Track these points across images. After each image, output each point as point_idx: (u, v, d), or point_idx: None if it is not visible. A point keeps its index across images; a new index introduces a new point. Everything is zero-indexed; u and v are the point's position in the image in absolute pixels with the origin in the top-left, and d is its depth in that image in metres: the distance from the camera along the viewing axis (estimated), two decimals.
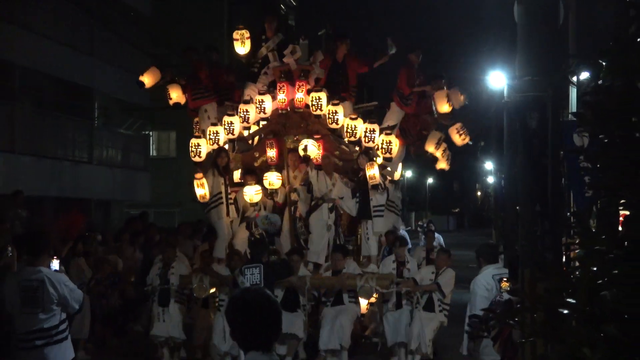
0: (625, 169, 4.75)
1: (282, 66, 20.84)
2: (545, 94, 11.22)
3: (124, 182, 44.04)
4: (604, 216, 4.86)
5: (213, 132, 20.37)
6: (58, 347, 12.38)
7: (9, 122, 33.54)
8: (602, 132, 5.11)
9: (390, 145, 20.15)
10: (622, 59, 4.91)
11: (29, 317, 12.19)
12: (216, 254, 20.06)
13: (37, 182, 34.37)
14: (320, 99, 19.90)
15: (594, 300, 4.65)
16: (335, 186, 19.98)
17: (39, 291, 12.16)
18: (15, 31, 33.64)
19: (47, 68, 36.49)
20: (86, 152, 40.52)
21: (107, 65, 40.19)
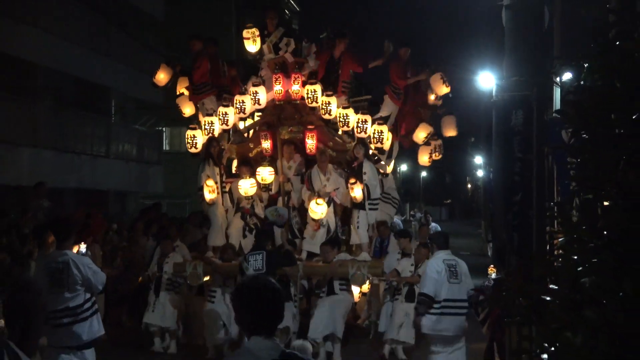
0: (605, 163, 4.72)
1: (277, 58, 20.62)
2: (531, 94, 11.22)
3: (138, 175, 44.16)
4: (585, 207, 4.83)
5: (208, 122, 20.08)
6: (83, 324, 12.68)
7: (32, 119, 33.62)
8: (584, 129, 5.07)
9: (381, 135, 19.80)
10: (603, 61, 4.88)
11: (56, 296, 12.43)
12: (210, 242, 19.88)
13: (58, 174, 34.38)
14: (316, 91, 19.67)
15: (575, 287, 4.62)
16: (329, 180, 19.60)
17: (64, 273, 12.53)
18: (38, 34, 33.67)
19: (67, 68, 36.56)
20: (103, 146, 40.63)
21: (123, 65, 40.19)
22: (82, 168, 37.63)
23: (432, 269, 14.77)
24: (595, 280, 4.49)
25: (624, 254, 4.42)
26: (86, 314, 12.75)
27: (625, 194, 4.54)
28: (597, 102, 4.83)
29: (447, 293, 14.45)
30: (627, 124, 4.61)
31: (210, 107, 20.47)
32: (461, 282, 14.63)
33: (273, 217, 19.13)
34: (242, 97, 19.97)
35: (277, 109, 20.47)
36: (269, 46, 20.78)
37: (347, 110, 19.56)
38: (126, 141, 43.52)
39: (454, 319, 14.53)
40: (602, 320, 4.42)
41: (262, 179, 19.42)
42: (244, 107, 19.90)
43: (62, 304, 12.59)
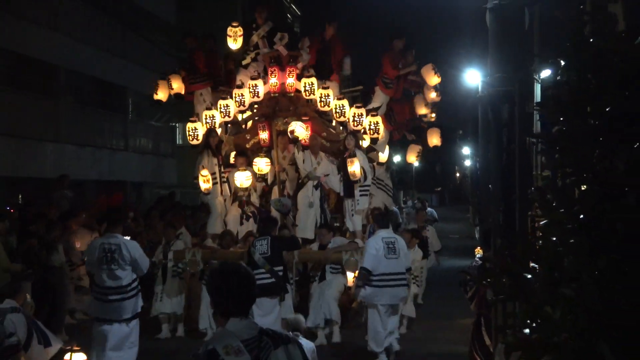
0: (580, 151, 4.73)
1: (272, 52, 20.43)
2: (513, 89, 11.21)
3: (154, 167, 44.36)
4: (562, 193, 4.84)
5: (209, 115, 19.83)
6: (129, 301, 14.17)
7: (55, 116, 33.83)
8: (562, 121, 5.08)
9: (377, 126, 19.59)
10: (577, 58, 4.89)
11: (108, 273, 13.98)
12: (209, 229, 19.72)
13: (80, 167, 34.58)
14: (313, 84, 19.54)
15: (554, 266, 4.63)
16: (320, 165, 19.37)
17: (116, 252, 13.95)
18: (60, 38, 33.82)
19: (87, 69, 36.80)
20: (122, 141, 40.83)
21: (139, 66, 40.29)
22: (101, 161, 37.83)
23: (371, 247, 15.71)
24: (573, 260, 4.50)
25: (599, 236, 4.43)
26: (132, 293, 14.18)
27: (599, 180, 4.54)
28: (573, 96, 4.83)
29: (384, 267, 15.48)
30: (601, 115, 4.62)
31: (209, 100, 20.30)
32: (399, 257, 15.68)
33: (277, 206, 19.05)
34: (241, 91, 19.77)
35: (272, 101, 20.26)
36: (264, 41, 20.61)
37: (342, 101, 19.42)
38: (142, 136, 43.76)
39: (391, 290, 15.64)
40: (579, 296, 4.43)
41: (258, 170, 19.27)
42: (243, 100, 19.73)
43: (113, 281, 13.98)
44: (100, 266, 14.09)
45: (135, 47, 40.71)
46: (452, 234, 48.25)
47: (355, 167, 18.66)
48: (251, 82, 19.57)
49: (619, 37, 4.81)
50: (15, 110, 30.59)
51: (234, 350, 5.31)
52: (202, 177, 19.19)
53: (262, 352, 5.36)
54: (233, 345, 5.33)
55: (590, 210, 4.57)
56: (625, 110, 4.51)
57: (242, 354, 5.30)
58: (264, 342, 5.41)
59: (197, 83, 20.56)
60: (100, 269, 14.13)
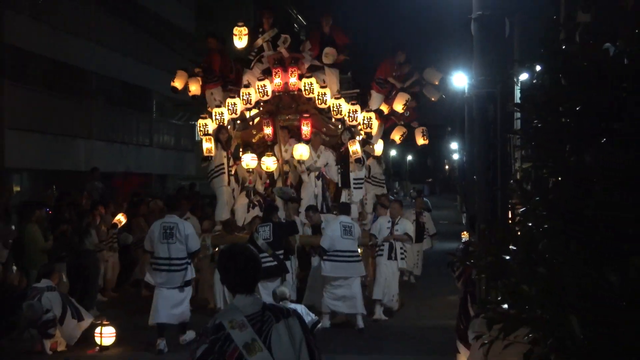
0: (553, 146, 4.73)
1: (276, 54, 20.24)
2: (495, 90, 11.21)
3: (176, 161, 44.60)
4: (538, 183, 4.85)
5: (218, 112, 19.58)
6: (182, 272, 14.97)
7: (87, 116, 34.10)
8: (537, 119, 5.08)
9: (370, 121, 19.35)
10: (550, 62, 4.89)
11: (167, 246, 14.91)
12: (217, 217, 19.55)
13: (109, 161, 34.84)
14: (312, 83, 19.27)
15: (530, 248, 4.64)
16: (320, 157, 19.21)
17: (174, 230, 14.91)
18: (92, 46, 34.18)
19: (116, 74, 37.12)
20: (147, 137, 41.01)
21: (162, 71, 40.31)
22: (129, 155, 38.07)
23: (330, 229, 16.73)
24: (547, 243, 4.51)
25: (571, 221, 4.44)
26: (185, 265, 14.98)
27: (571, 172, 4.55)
28: (547, 96, 4.84)
29: (339, 245, 16.33)
30: (572, 114, 4.62)
31: (219, 98, 20.21)
32: (354, 239, 16.59)
33: (279, 194, 18.99)
34: (248, 90, 19.62)
35: (276, 99, 20.03)
36: (268, 44, 20.49)
37: (339, 100, 19.33)
38: (165, 133, 43.98)
39: (346, 265, 16.41)
40: (551, 275, 4.44)
41: (266, 167, 19.16)
42: (249, 98, 19.61)
43: (171, 254, 14.88)
44: (160, 241, 14.94)
45: (158, 54, 40.86)
46: (442, 220, 48.07)
47: (356, 146, 18.71)
48: (259, 83, 19.44)
49: (585, 42, 4.81)
50: (52, 110, 30.94)
51: (238, 324, 5.36)
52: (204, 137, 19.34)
53: (264, 325, 5.39)
54: (237, 320, 5.38)
55: (562, 199, 4.58)
56: (593, 109, 4.52)
57: (246, 327, 5.35)
58: (267, 316, 5.43)
59: (210, 82, 20.43)
60: (160, 244, 14.94)
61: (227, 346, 5.28)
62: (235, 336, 5.30)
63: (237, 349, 5.28)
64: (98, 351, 14.52)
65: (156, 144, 42.17)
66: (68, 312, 14.48)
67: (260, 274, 5.75)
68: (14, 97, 28.51)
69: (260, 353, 5.28)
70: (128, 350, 14.86)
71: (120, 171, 37.05)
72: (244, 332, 5.33)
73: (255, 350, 5.29)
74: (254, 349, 5.29)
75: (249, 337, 5.32)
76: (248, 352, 5.26)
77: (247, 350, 5.27)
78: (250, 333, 5.33)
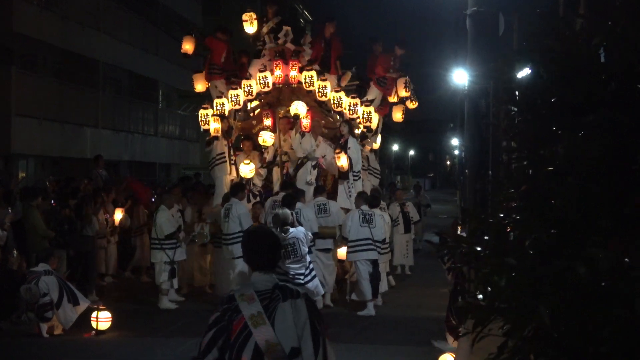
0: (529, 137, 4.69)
1: (277, 47, 20.16)
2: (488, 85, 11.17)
3: (181, 150, 44.68)
4: (512, 174, 4.81)
5: (219, 103, 19.52)
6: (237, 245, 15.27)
7: (95, 105, 34.20)
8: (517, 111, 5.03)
9: (370, 115, 19.26)
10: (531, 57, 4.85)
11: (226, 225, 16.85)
12: (215, 202, 19.38)
13: (115, 150, 35.04)
14: (312, 76, 19.12)
15: (500, 239, 4.59)
16: (319, 147, 18.96)
17: (231, 210, 16.89)
18: (101, 37, 34.24)
19: (124, 64, 37.28)
20: (152, 127, 41.09)
21: (168, 62, 40.52)
22: (135, 144, 38.19)
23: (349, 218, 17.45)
24: (518, 234, 4.47)
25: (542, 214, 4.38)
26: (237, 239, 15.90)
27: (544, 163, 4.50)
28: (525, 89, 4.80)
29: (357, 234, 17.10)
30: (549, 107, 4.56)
31: (221, 90, 20.13)
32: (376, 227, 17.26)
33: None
34: (249, 82, 19.51)
35: (276, 92, 19.88)
36: (269, 36, 20.35)
37: (339, 93, 19.21)
38: (171, 123, 44.08)
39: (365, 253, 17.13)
40: (520, 265, 4.39)
41: (263, 141, 18.94)
42: (251, 90, 19.50)
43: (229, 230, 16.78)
44: (223, 220, 17.10)
45: (165, 45, 40.91)
46: (441, 214, 48.18)
47: (343, 161, 18.42)
48: (260, 75, 19.35)
49: (563, 36, 4.75)
50: (61, 99, 31.06)
51: (248, 297, 5.63)
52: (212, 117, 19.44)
53: (271, 302, 5.63)
54: (247, 294, 5.66)
55: (533, 190, 4.52)
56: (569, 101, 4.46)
57: (254, 301, 5.61)
58: (275, 294, 5.66)
59: (213, 74, 20.35)
60: (223, 223, 17.12)
61: (235, 316, 5.55)
62: (243, 308, 5.57)
63: (243, 319, 5.53)
64: (94, 335, 14.48)
65: (161, 134, 42.23)
66: (64, 296, 14.47)
67: (279, 256, 6.14)
68: (22, 84, 28.50)
69: (263, 326, 5.53)
70: (124, 334, 14.84)
71: (125, 159, 37.16)
72: (251, 305, 5.58)
73: (259, 323, 5.54)
74: (258, 321, 5.54)
75: (255, 309, 5.57)
76: (253, 323, 5.52)
77: (252, 321, 5.53)
78: (257, 306, 5.58)
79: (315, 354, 5.59)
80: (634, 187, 4.37)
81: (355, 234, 17.08)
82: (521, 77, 5.24)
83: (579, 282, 4.12)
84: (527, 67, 5.20)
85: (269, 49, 20.11)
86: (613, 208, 4.28)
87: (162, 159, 42.86)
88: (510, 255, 4.35)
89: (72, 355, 13.65)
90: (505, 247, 4.51)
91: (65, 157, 31.55)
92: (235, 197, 17.24)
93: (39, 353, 13.70)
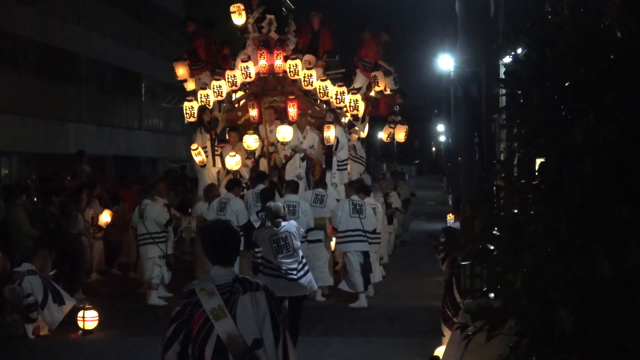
0: (539, 123, 4.33)
1: (261, 36, 19.83)
2: (479, 70, 10.86)
3: (166, 144, 44.71)
4: (523, 164, 4.45)
5: (204, 95, 19.30)
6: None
7: (77, 100, 34.24)
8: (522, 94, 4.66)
9: (357, 104, 18.84)
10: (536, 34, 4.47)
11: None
12: (199, 194, 19.18)
13: (99, 144, 34.90)
14: (297, 65, 18.86)
15: (515, 235, 4.24)
16: (306, 138, 18.63)
17: (227, 204, 16.88)
18: (82, 30, 34.27)
19: (106, 58, 37.22)
20: (136, 121, 41.01)
21: (151, 55, 40.48)
22: (119, 139, 38.20)
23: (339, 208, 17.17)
24: (533, 230, 4.11)
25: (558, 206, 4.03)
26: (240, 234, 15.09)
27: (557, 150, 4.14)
28: (531, 70, 4.44)
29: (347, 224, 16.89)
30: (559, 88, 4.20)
31: (205, 81, 19.83)
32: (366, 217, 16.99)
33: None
34: (233, 72, 19.20)
35: (261, 81, 19.53)
36: (253, 26, 19.99)
37: (325, 82, 18.89)
38: (155, 116, 44.02)
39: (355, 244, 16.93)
40: (537, 263, 4.03)
41: (247, 146, 18.67)
42: (235, 80, 19.18)
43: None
44: (217, 214, 16.45)
45: (148, 38, 40.97)
46: (428, 201, 48.05)
47: (331, 132, 18.04)
48: (242, 65, 19.03)
49: (572, 11, 4.40)
50: (43, 94, 30.95)
51: (208, 291, 5.75)
52: (193, 151, 18.85)
53: (232, 295, 5.75)
54: (207, 288, 5.78)
55: (548, 181, 4.16)
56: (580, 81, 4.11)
57: (214, 295, 5.73)
58: (236, 287, 5.79)
59: (198, 69, 20.06)
60: (217, 217, 15.80)
61: (196, 310, 5.70)
62: (204, 302, 5.71)
63: (205, 313, 5.68)
64: (81, 335, 14.17)
65: (146, 127, 42.11)
66: (49, 296, 14.16)
67: (238, 250, 6.22)
68: (3, 80, 28.23)
69: (224, 319, 5.67)
70: (111, 334, 14.55)
71: (110, 154, 36.95)
72: (212, 299, 5.72)
73: (220, 316, 5.67)
74: (219, 314, 5.68)
75: (216, 303, 5.71)
76: (214, 317, 5.67)
77: (213, 315, 5.67)
78: (217, 300, 5.72)
79: (276, 344, 5.73)
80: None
81: (345, 225, 16.80)
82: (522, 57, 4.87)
83: (602, 283, 3.77)
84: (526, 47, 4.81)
85: (253, 39, 19.77)
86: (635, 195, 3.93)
87: (147, 153, 42.78)
88: (525, 252, 4.02)
89: (59, 356, 13.37)
90: (520, 243, 4.15)
91: (49, 154, 31.27)
92: (231, 192, 17.15)
93: (25, 355, 13.40)
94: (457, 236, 5.12)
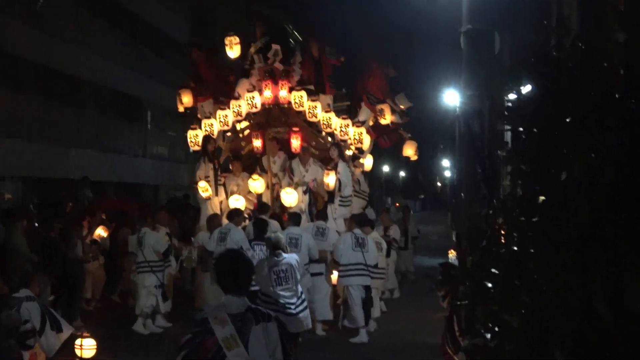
0: (540, 159, 4.31)
1: (266, 66, 19.82)
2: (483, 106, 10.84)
3: (169, 171, 44.62)
4: (523, 200, 4.42)
5: (208, 124, 19.29)
6: None
7: (79, 125, 34.20)
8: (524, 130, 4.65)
9: (361, 137, 18.83)
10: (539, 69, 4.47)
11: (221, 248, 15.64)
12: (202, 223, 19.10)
13: (102, 170, 34.76)
14: (302, 97, 18.83)
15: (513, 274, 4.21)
16: (309, 172, 18.65)
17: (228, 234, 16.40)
18: (86, 55, 34.13)
19: (110, 83, 37.11)
20: (140, 148, 40.89)
21: (156, 81, 40.42)
22: (122, 165, 38.12)
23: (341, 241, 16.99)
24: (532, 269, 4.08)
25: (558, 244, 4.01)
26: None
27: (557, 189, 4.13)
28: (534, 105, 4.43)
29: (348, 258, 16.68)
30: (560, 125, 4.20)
31: (208, 110, 19.81)
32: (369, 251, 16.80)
33: None
34: (239, 102, 19.21)
35: (266, 112, 19.56)
36: (258, 56, 20.02)
37: (329, 114, 18.87)
38: (159, 143, 43.86)
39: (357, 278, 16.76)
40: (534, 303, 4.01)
41: (254, 190, 18.73)
42: (240, 110, 19.22)
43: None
44: (218, 244, 16.23)
45: (153, 64, 40.92)
46: (431, 236, 47.85)
47: (330, 179, 18.08)
48: (248, 95, 19.05)
49: (574, 46, 4.40)
50: (44, 118, 30.81)
51: (221, 320, 5.81)
52: (201, 188, 18.82)
53: (244, 325, 5.82)
54: (220, 316, 5.84)
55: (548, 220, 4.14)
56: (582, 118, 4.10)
57: (227, 324, 5.79)
58: (248, 317, 5.86)
59: (200, 96, 20.09)
60: (217, 246, 16.16)
61: (208, 337, 5.74)
62: (217, 330, 5.75)
63: (216, 341, 5.72)
64: None
65: (149, 155, 42.05)
66: (47, 323, 14.08)
67: (250, 280, 6.39)
68: (5, 103, 28.26)
69: (237, 348, 5.72)
70: None
71: (112, 181, 36.90)
72: (225, 328, 5.77)
73: (233, 346, 5.72)
74: (231, 344, 5.73)
75: (229, 332, 5.76)
76: (226, 346, 5.71)
77: (226, 344, 5.72)
78: (230, 329, 5.77)
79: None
80: None
81: (347, 258, 16.68)
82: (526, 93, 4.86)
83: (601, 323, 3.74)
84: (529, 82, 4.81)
85: (258, 69, 19.75)
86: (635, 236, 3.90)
87: (150, 180, 42.69)
88: (522, 291, 3.99)
89: None
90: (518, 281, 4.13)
91: (51, 178, 31.24)
92: (232, 222, 16.83)
93: None
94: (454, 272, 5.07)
